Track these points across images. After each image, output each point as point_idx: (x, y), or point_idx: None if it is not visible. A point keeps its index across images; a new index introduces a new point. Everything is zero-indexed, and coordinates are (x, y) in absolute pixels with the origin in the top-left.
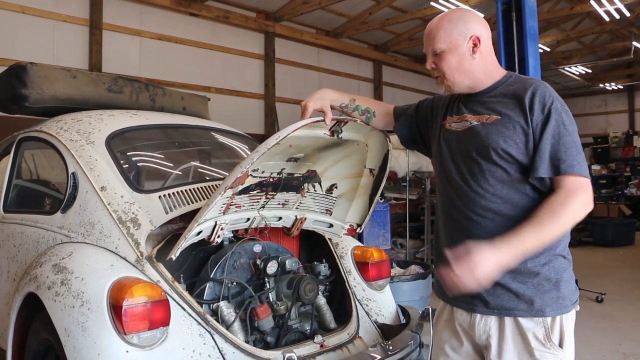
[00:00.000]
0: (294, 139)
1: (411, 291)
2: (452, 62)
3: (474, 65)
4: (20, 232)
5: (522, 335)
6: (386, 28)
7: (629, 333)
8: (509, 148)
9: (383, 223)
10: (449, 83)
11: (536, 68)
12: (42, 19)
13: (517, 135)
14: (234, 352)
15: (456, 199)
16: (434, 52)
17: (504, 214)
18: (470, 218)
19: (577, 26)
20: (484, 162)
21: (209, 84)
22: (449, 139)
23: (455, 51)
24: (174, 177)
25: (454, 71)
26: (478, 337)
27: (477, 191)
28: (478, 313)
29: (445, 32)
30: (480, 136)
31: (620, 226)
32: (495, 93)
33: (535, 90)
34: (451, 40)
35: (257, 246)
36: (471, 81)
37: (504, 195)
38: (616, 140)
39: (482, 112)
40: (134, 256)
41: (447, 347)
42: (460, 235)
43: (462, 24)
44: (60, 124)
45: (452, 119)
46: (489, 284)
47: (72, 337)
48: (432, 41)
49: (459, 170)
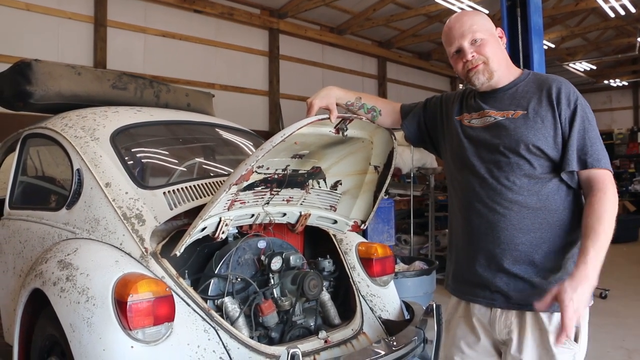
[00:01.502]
0: (299, 136)
1: (415, 287)
2: (495, 47)
3: (505, 55)
4: (25, 228)
5: (542, 330)
6: (390, 24)
7: (633, 329)
8: (538, 142)
9: (387, 219)
10: (491, 69)
11: (541, 64)
12: (47, 16)
13: (546, 129)
14: (239, 348)
15: (480, 192)
16: (473, 40)
17: (530, 206)
18: (496, 210)
19: (582, 22)
20: (513, 155)
21: (214, 80)
22: (470, 134)
23: (493, 39)
24: (178, 174)
25: (495, 56)
26: (499, 333)
27: (504, 184)
28: (498, 308)
29: (480, 21)
30: (509, 131)
31: (625, 222)
32: (517, 89)
33: (560, 85)
34: (487, 28)
35: (261, 242)
36: (502, 72)
37: (530, 188)
38: (621, 136)
39: (506, 107)
40: (139, 252)
41: (463, 343)
42: (485, 228)
43: (488, 19)
44: (65, 120)
45: (471, 115)
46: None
47: (78, 332)
48: (468, 31)
49: (485, 164)
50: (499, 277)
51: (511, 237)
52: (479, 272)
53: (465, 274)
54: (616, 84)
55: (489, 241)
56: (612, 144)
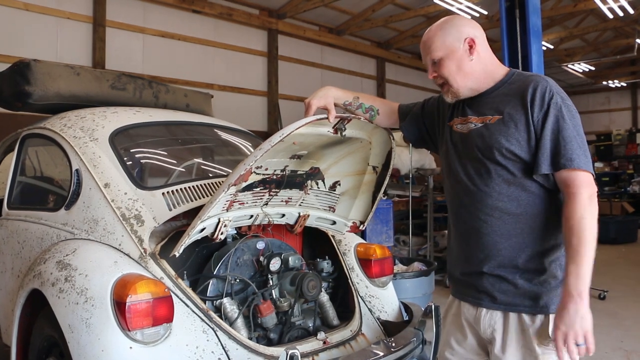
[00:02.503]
0: (298, 137)
1: (414, 288)
2: (452, 66)
3: (473, 66)
4: (24, 228)
5: (525, 331)
6: (389, 25)
7: (631, 330)
8: (512, 147)
9: (386, 220)
10: (454, 89)
11: (539, 65)
12: (45, 16)
13: (520, 133)
14: (237, 349)
15: (464, 199)
16: (433, 61)
17: (511, 212)
18: (478, 217)
19: (581, 23)
20: (489, 162)
21: (212, 81)
22: (456, 140)
23: (452, 56)
24: (177, 174)
25: (455, 75)
26: (483, 331)
27: (484, 190)
28: (484, 307)
29: (439, 39)
30: (484, 137)
31: (623, 223)
32: (498, 92)
33: (535, 86)
34: (447, 46)
35: (260, 243)
36: (473, 83)
37: (510, 194)
38: (619, 137)
39: (485, 112)
40: (138, 253)
41: (453, 340)
42: (470, 234)
43: (454, 30)
44: (63, 120)
45: (458, 120)
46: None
47: (76, 333)
48: (428, 51)
49: (466, 171)
50: (484, 279)
51: (494, 242)
52: (466, 273)
53: (457, 274)
54: (615, 85)
55: (472, 246)
56: (610, 145)
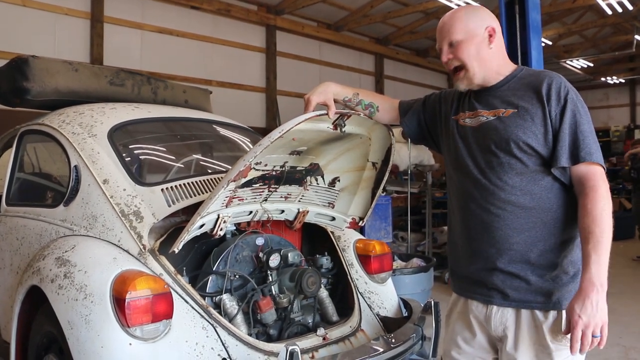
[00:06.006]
0: (297, 132)
1: (413, 284)
2: (471, 50)
3: (491, 55)
4: (23, 225)
5: (538, 327)
6: (388, 21)
7: (629, 326)
8: (529, 140)
9: (385, 216)
10: (470, 74)
11: (539, 61)
12: (43, 12)
13: (536, 126)
14: (237, 345)
15: (475, 193)
16: (450, 43)
17: (523, 206)
18: (490, 211)
19: (579, 19)
20: (503, 155)
21: (211, 77)
22: (465, 134)
23: (472, 40)
24: (176, 170)
25: (473, 59)
26: (494, 329)
27: (496, 184)
28: (495, 305)
29: (462, 22)
30: (499, 130)
31: (621, 220)
32: (508, 86)
33: (550, 81)
34: (469, 29)
35: (259, 239)
36: (486, 72)
37: (523, 187)
38: (617, 134)
39: (497, 106)
40: (137, 249)
41: (460, 339)
42: (480, 229)
43: (478, 17)
44: (62, 117)
45: (465, 114)
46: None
47: (76, 329)
48: (447, 33)
49: (477, 164)
50: (495, 275)
51: (506, 236)
52: (475, 270)
53: (463, 271)
54: (613, 81)
55: (484, 241)
56: (608, 141)
